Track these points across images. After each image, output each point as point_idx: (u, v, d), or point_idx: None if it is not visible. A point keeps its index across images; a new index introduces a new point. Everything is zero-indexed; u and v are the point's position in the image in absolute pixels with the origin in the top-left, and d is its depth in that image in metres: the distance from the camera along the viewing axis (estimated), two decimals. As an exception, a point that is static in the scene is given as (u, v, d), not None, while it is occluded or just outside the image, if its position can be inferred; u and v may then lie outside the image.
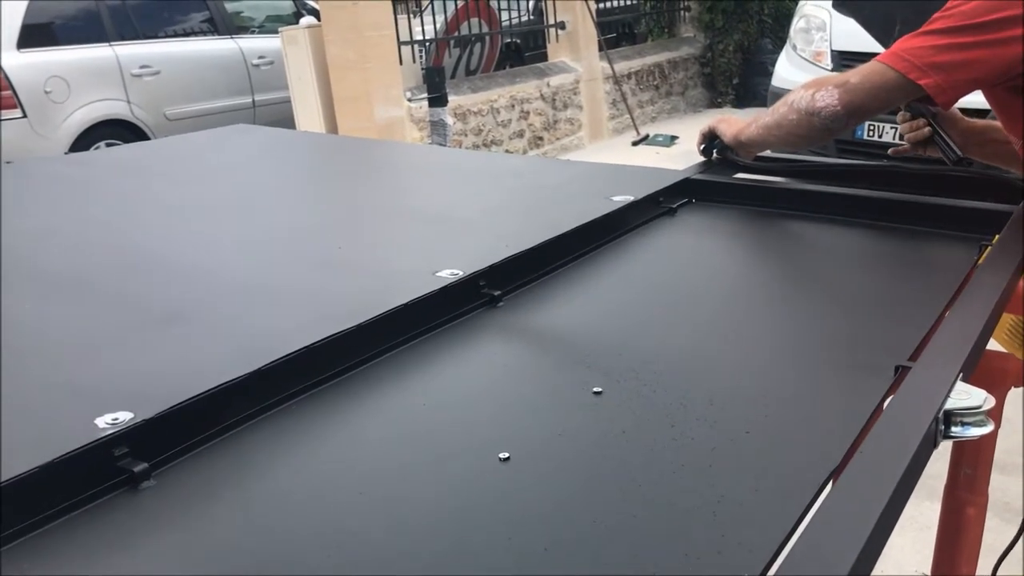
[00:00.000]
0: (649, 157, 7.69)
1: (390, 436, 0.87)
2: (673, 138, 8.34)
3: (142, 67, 6.67)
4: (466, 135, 7.08)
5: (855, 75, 1.50)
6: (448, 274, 1.16)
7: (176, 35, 7.14)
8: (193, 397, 0.84)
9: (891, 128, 5.63)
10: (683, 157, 7.53)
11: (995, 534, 2.37)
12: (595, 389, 0.94)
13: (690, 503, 0.74)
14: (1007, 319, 1.63)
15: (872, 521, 0.63)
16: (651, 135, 8.51)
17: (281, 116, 6.80)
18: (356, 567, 0.67)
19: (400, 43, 6.48)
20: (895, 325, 1.10)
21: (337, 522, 0.73)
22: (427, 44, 7.19)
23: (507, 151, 7.45)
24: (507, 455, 0.81)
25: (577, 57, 8.47)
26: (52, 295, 1.15)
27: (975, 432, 0.82)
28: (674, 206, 1.63)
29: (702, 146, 1.85)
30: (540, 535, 0.70)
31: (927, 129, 1.66)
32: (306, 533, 0.72)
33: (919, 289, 1.24)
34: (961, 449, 1.49)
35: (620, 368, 0.99)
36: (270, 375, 0.90)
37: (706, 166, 1.81)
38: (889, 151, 1.81)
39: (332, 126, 6.27)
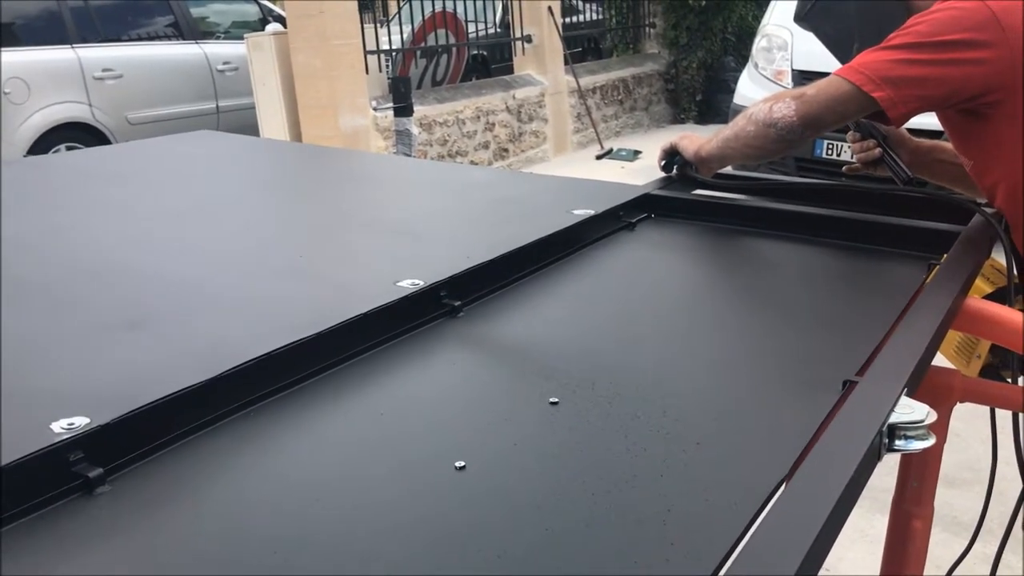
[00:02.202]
0: (613, 171, 7.75)
1: (348, 444, 0.88)
2: (636, 153, 8.42)
3: (104, 70, 6.60)
4: (431, 145, 7.09)
5: (812, 88, 1.54)
6: (409, 284, 1.17)
7: (140, 39, 7.08)
8: (150, 403, 0.84)
9: (849, 147, 5.74)
10: (646, 172, 7.60)
11: (944, 548, 2.42)
12: (552, 399, 0.95)
13: (641, 512, 0.75)
14: (955, 336, 1.67)
15: (816, 528, 0.65)
16: (615, 149, 8.58)
17: (245, 123, 6.76)
18: (311, 570, 0.68)
19: (367, 52, 6.48)
20: (844, 341, 1.13)
21: (293, 528, 0.74)
22: (393, 54, 7.19)
23: (472, 162, 7.47)
24: (463, 464, 0.82)
25: (543, 71, 8.52)
26: (9, 300, 1.14)
27: (917, 445, 0.85)
28: (633, 221, 1.65)
29: (663, 162, 1.88)
30: (494, 543, 0.71)
31: (877, 150, 1.71)
32: (261, 539, 0.72)
33: (869, 306, 1.28)
34: (908, 463, 1.52)
35: (577, 379, 1.01)
36: (228, 382, 0.90)
37: (666, 182, 1.84)
38: (844, 169, 1.85)
39: (296, 134, 6.25)
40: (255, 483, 0.81)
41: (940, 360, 1.49)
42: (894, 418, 0.84)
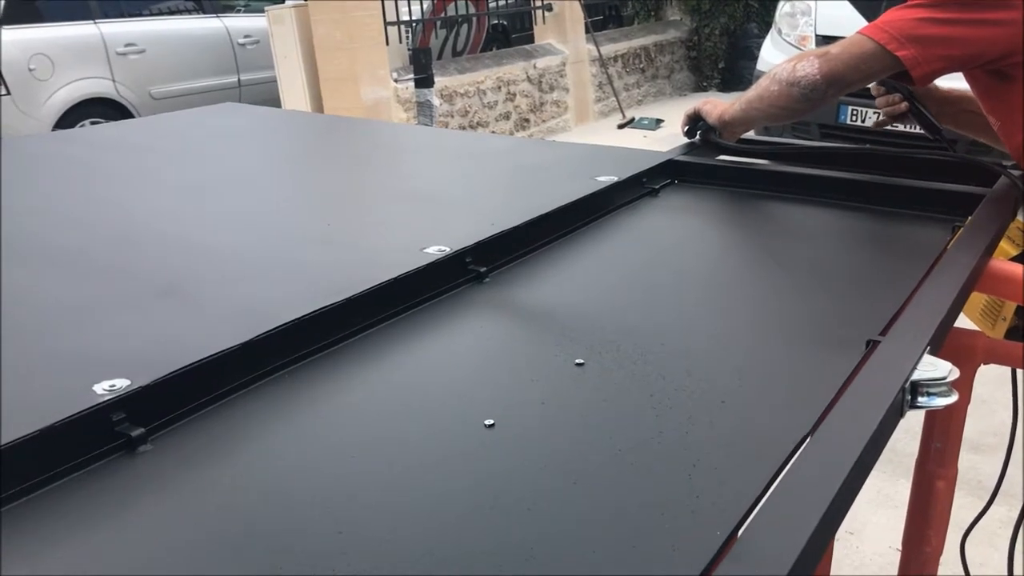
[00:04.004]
0: (635, 140, 7.71)
1: (380, 404, 0.90)
2: (659, 121, 8.36)
3: (127, 45, 6.63)
4: (452, 116, 7.08)
5: (836, 47, 1.53)
6: (435, 251, 1.19)
7: (161, 13, 7.10)
8: (188, 365, 0.86)
9: (873, 113, 5.68)
10: (668, 140, 7.55)
11: (970, 511, 2.43)
12: (577, 361, 0.97)
13: (667, 467, 0.77)
14: (980, 299, 1.67)
15: (839, 481, 0.66)
16: (637, 118, 8.53)
17: (267, 96, 6.77)
18: (350, 525, 0.70)
19: (387, 23, 6.47)
20: (868, 302, 1.13)
21: (330, 483, 0.76)
22: (414, 24, 7.17)
23: (493, 132, 7.46)
24: (492, 422, 0.84)
25: (564, 39, 8.46)
26: (49, 268, 1.18)
27: (940, 402, 0.86)
28: (657, 187, 1.66)
29: (686, 128, 1.88)
30: (524, 496, 0.74)
31: (903, 104, 1.70)
32: (300, 494, 0.75)
33: (892, 268, 1.28)
34: (932, 424, 1.53)
35: (602, 341, 1.02)
36: (262, 346, 0.93)
37: (690, 148, 1.84)
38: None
39: (318, 106, 6.26)
40: (291, 442, 0.83)
41: (966, 323, 1.49)
42: (917, 375, 0.86)
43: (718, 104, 1.82)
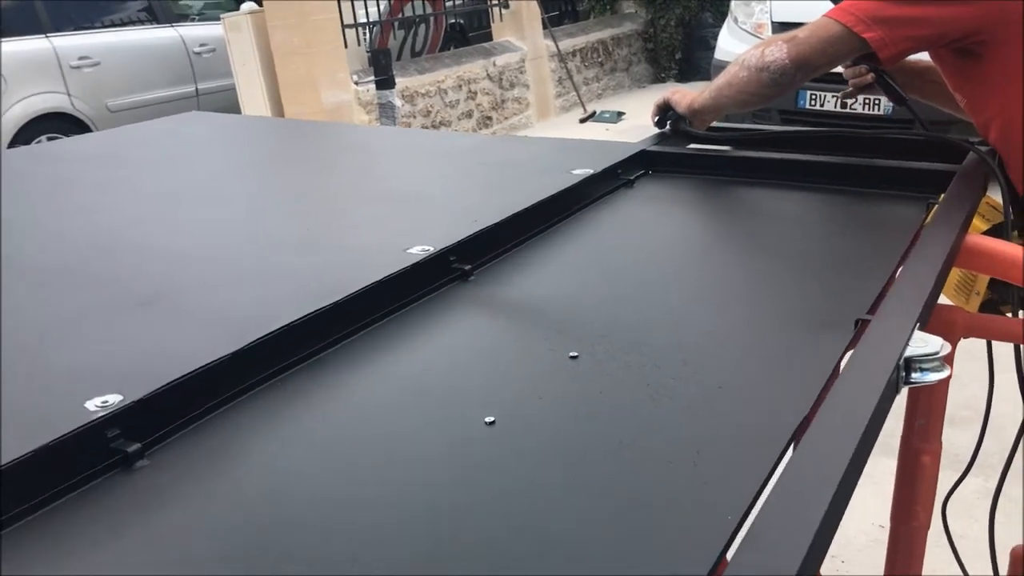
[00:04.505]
0: (598, 134, 7.73)
1: (378, 407, 0.89)
2: (620, 114, 8.40)
3: (81, 58, 6.53)
4: (415, 117, 7.06)
5: (803, 31, 1.55)
6: (419, 250, 1.18)
7: (114, 25, 6.99)
8: (180, 377, 0.85)
9: (832, 96, 5.75)
10: (631, 132, 7.59)
11: (945, 484, 2.46)
12: (571, 354, 0.97)
13: (671, 456, 0.77)
14: (954, 274, 1.70)
15: (846, 460, 0.67)
16: (598, 112, 8.56)
17: (225, 104, 6.71)
18: (356, 531, 0.70)
19: (344, 26, 6.43)
20: (852, 282, 1.15)
21: (332, 489, 0.76)
22: (371, 27, 7.14)
23: (456, 132, 7.44)
24: (492, 419, 0.84)
25: (522, 36, 8.47)
26: (29, 285, 1.15)
27: (933, 377, 0.87)
28: (632, 178, 1.66)
29: (656, 118, 1.88)
30: (532, 491, 0.73)
31: (870, 75, 1.72)
32: (305, 502, 0.74)
33: (872, 247, 1.29)
34: (915, 400, 1.55)
35: (593, 334, 1.02)
36: (253, 354, 0.91)
37: (661, 138, 1.85)
38: (839, 95, 1.88)
39: (279, 112, 6.21)
40: (289, 449, 0.82)
41: (940, 299, 1.51)
42: (909, 352, 0.86)
43: (687, 94, 1.83)
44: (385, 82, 6.02)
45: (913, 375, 0.87)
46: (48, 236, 1.37)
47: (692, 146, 1.79)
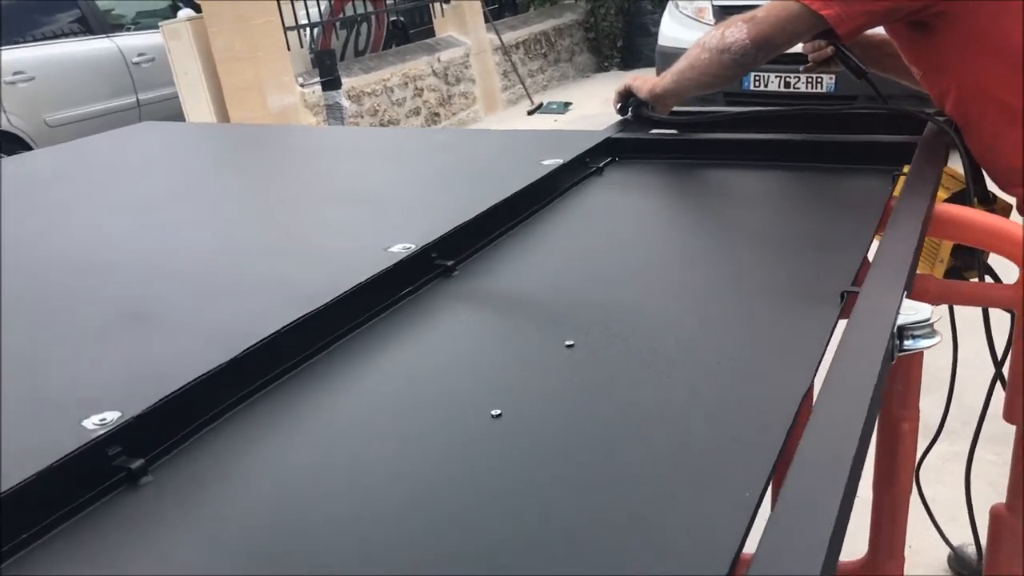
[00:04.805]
0: (546, 125, 7.75)
1: (381, 406, 0.89)
2: (567, 104, 8.43)
3: (15, 73, 6.36)
4: (362, 116, 7.01)
5: (762, 10, 1.57)
6: (400, 248, 1.17)
7: (47, 38, 6.83)
8: (178, 389, 0.83)
9: (775, 77, 5.84)
10: (579, 122, 7.62)
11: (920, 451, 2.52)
12: (567, 343, 0.97)
13: (683, 434, 0.78)
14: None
15: (859, 428, 0.68)
16: (545, 103, 8.58)
17: (169, 113, 6.58)
18: (371, 537, 0.69)
19: (286, 29, 6.35)
20: (831, 256, 1.16)
21: (343, 494, 0.75)
22: (313, 28, 7.06)
23: (423, 128, 7.40)
24: (499, 412, 0.83)
25: (464, 31, 8.45)
26: (7, 306, 1.11)
27: (925, 343, 0.89)
28: (601, 165, 1.67)
29: (618, 105, 1.89)
30: (546, 481, 0.73)
31: (829, 48, 1.75)
32: (313, 509, 0.73)
33: (845, 221, 1.31)
34: (893, 368, 1.57)
35: (586, 321, 1.03)
36: (248, 361, 0.90)
37: (624, 124, 1.86)
38: (800, 69, 1.90)
39: (224, 119, 6.12)
40: (294, 456, 0.81)
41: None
42: (900, 320, 0.88)
43: (648, 79, 1.84)
44: (331, 83, 5.97)
45: (906, 343, 0.88)
46: (18, 258, 1.33)
47: (655, 131, 1.80)
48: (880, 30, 1.67)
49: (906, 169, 1.48)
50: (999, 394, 1.75)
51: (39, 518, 0.72)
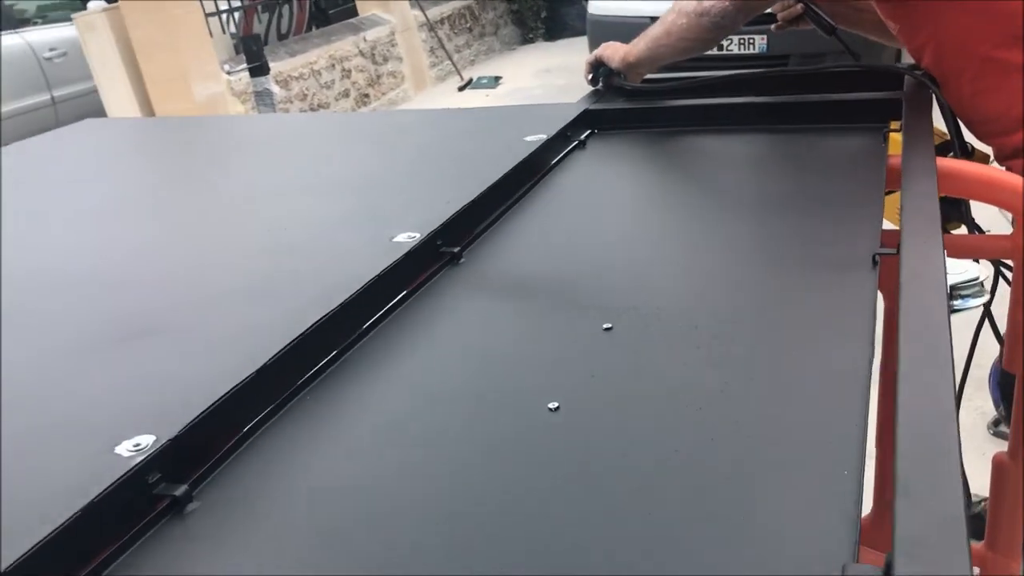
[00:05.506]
0: (478, 101, 7.67)
1: (425, 406, 0.84)
2: (497, 79, 8.36)
3: (-80, 75, 6.05)
4: (291, 102, 6.84)
5: None
6: (405, 238, 1.12)
7: (-49, 36, 6.50)
8: (211, 405, 0.77)
9: (737, 40, 5.85)
10: (511, 96, 7.56)
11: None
12: (605, 326, 0.93)
13: (757, 415, 0.75)
14: (895, 198, 1.73)
15: (951, 391, 0.66)
16: (475, 78, 8.49)
17: (89, 109, 6.31)
18: (433, 535, 0.66)
19: (207, 15, 6.15)
20: (847, 217, 1.15)
21: (399, 496, 0.70)
22: (235, 13, 6.85)
23: (335, 113, 7.25)
24: (556, 404, 0.79)
25: (388, 9, 8.30)
26: (13, 333, 1.01)
27: (975, 302, 0.88)
28: (583, 138, 1.63)
29: (590, 75, 1.85)
30: (619, 473, 0.70)
31: (799, 5, 1.73)
32: (363, 520, 0.69)
33: (850, 182, 1.30)
34: (893, 326, 1.58)
35: (614, 302, 0.99)
36: (278, 367, 0.84)
37: (596, 96, 1.82)
38: (772, 28, 1.88)
39: (148, 112, 5.90)
40: (339, 465, 0.76)
41: (886, 224, 1.54)
42: (951, 280, 0.86)
43: (619, 48, 1.81)
44: (259, 68, 5.80)
45: (955, 302, 0.87)
46: (9, 272, 1.22)
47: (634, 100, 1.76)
48: None
49: (894, 125, 1.48)
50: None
51: (87, 558, 0.66)
